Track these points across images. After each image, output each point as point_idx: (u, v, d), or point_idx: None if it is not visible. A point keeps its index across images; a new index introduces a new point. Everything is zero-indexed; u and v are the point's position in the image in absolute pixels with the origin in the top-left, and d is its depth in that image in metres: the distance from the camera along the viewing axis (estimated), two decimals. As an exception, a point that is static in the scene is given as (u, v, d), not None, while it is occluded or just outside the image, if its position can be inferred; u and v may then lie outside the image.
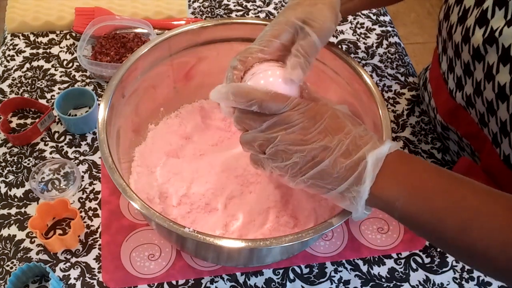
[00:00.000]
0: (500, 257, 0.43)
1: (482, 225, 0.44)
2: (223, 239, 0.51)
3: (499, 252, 0.43)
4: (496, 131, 0.60)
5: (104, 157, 0.55)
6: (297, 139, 0.47)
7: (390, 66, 0.91)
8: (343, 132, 0.47)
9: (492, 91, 0.57)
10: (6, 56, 0.87)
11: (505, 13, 0.55)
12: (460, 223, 0.44)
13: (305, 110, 0.48)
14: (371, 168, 0.46)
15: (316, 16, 0.52)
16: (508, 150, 0.59)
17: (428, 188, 0.46)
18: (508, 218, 0.43)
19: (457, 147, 0.74)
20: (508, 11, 0.54)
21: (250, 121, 0.50)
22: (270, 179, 0.68)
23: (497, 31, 0.55)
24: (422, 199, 0.46)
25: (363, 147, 0.47)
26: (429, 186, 0.46)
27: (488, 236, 0.44)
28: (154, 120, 0.74)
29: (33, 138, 0.76)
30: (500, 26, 0.55)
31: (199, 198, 0.67)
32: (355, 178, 0.46)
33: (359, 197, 0.47)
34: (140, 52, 0.65)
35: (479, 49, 0.58)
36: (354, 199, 0.47)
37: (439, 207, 0.45)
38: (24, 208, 0.69)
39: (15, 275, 0.61)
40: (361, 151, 0.46)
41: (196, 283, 0.65)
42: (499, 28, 0.55)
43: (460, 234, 0.44)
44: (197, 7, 0.98)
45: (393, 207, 0.46)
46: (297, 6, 0.54)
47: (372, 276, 0.66)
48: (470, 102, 0.64)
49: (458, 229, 0.44)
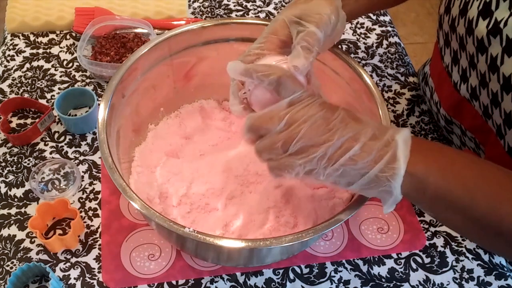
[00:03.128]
0: None
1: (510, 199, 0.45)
2: (223, 239, 0.51)
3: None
4: (500, 123, 0.60)
5: (104, 157, 0.55)
6: (321, 129, 0.46)
7: (390, 66, 0.91)
8: (362, 122, 0.48)
9: (497, 82, 0.58)
10: (6, 56, 0.87)
11: (510, 4, 0.55)
12: (490, 197, 0.45)
13: (320, 102, 0.48)
14: (403, 145, 0.46)
15: (312, 10, 0.53)
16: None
17: (457, 162, 0.47)
18: None
19: (460, 141, 0.74)
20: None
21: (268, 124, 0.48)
22: (270, 178, 0.68)
23: (502, 22, 0.55)
24: (452, 173, 0.47)
25: (388, 130, 0.47)
26: (457, 161, 0.48)
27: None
28: (154, 120, 0.74)
29: (33, 138, 0.76)
30: (505, 17, 0.55)
31: (199, 198, 0.67)
32: (390, 156, 0.46)
33: (396, 174, 0.45)
34: (140, 52, 0.65)
35: (483, 41, 0.58)
36: (390, 177, 0.46)
37: (470, 180, 0.46)
38: (24, 208, 0.69)
39: (15, 275, 0.61)
40: (387, 133, 0.47)
41: (196, 283, 0.65)
42: (503, 19, 0.55)
43: (491, 210, 0.45)
44: (197, 7, 0.98)
45: (426, 184, 0.46)
46: (294, 4, 0.55)
47: (372, 276, 0.67)
48: (474, 94, 0.64)
49: (488, 204, 0.45)
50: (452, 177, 0.46)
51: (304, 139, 0.46)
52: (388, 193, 0.47)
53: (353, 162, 0.46)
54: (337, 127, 0.46)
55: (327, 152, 0.46)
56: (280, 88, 0.48)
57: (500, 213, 0.45)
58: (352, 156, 0.46)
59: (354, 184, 0.47)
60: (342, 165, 0.46)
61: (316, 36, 0.52)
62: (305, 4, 0.54)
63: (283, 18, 0.53)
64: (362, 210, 0.72)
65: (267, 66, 0.50)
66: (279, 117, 0.47)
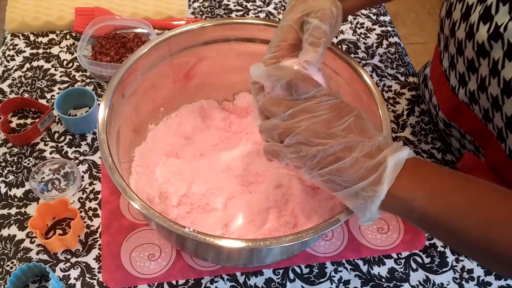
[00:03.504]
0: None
1: (503, 222, 0.44)
2: (223, 239, 0.51)
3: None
4: (501, 126, 0.60)
5: (104, 157, 0.55)
6: (320, 131, 0.47)
7: (390, 66, 0.91)
8: (366, 134, 0.47)
9: (498, 86, 0.57)
10: (6, 56, 0.87)
11: (510, 8, 0.55)
12: (480, 220, 0.44)
13: (333, 104, 0.48)
14: (392, 169, 0.46)
15: (313, 7, 0.54)
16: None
17: (446, 186, 0.47)
18: None
19: (459, 144, 0.74)
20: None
21: (274, 107, 0.49)
22: (270, 178, 0.68)
23: (502, 26, 0.55)
24: (441, 197, 0.46)
25: (384, 150, 0.47)
26: (446, 185, 0.47)
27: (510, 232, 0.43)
28: (154, 120, 0.74)
29: (33, 138, 0.76)
30: (505, 21, 0.55)
31: (199, 198, 0.67)
32: (375, 178, 0.46)
33: (375, 197, 0.46)
34: (140, 52, 0.65)
35: (483, 45, 0.58)
36: (369, 198, 0.46)
37: (459, 204, 0.45)
38: (24, 208, 0.69)
39: (15, 275, 0.61)
40: (381, 154, 0.46)
41: (196, 283, 0.65)
42: (504, 24, 0.55)
43: (481, 232, 0.44)
44: (197, 7, 0.98)
45: (411, 208, 0.46)
46: (293, 8, 0.55)
47: (372, 276, 0.67)
48: (473, 98, 0.64)
49: (479, 227, 0.44)
50: (440, 203, 0.46)
51: (300, 136, 0.47)
52: (364, 211, 0.48)
53: (339, 173, 0.46)
54: (336, 134, 0.47)
55: (318, 155, 0.46)
56: (292, 91, 0.48)
57: (491, 236, 0.44)
58: (340, 168, 0.46)
59: (336, 192, 0.48)
60: (327, 173, 0.47)
61: (321, 29, 0.53)
62: (303, 4, 0.54)
63: (288, 23, 0.54)
64: (362, 210, 0.72)
65: (279, 69, 0.50)
66: (287, 105, 0.48)
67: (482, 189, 0.46)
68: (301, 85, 0.48)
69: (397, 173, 0.46)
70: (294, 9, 0.55)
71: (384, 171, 0.46)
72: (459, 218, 0.45)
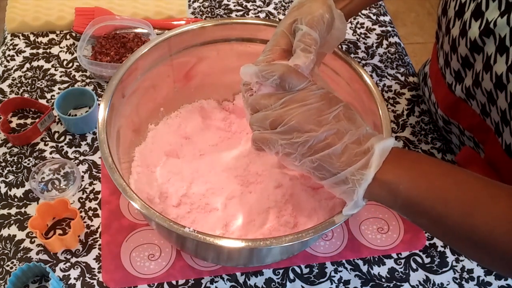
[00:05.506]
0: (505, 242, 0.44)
1: (485, 209, 0.45)
2: (223, 239, 0.51)
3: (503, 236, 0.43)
4: (498, 120, 0.61)
5: (104, 157, 0.55)
6: (312, 118, 0.48)
7: (390, 66, 0.91)
8: (354, 124, 0.49)
9: (490, 81, 0.58)
10: (6, 56, 0.87)
11: (499, 4, 0.56)
12: (463, 206, 0.45)
13: (322, 93, 0.49)
14: (378, 155, 0.47)
15: (303, 14, 0.54)
16: (509, 139, 0.60)
17: (432, 172, 0.48)
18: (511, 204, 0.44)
19: (459, 141, 0.74)
20: (501, 2, 0.56)
21: (265, 100, 0.50)
22: (270, 178, 0.68)
23: (492, 22, 0.56)
24: (426, 181, 0.47)
25: (371, 139, 0.49)
26: (432, 171, 0.48)
27: (492, 219, 0.44)
28: (154, 120, 0.74)
29: (33, 138, 0.76)
30: (495, 17, 0.56)
31: (199, 198, 0.67)
32: (362, 163, 0.47)
33: (363, 180, 0.47)
34: (140, 52, 0.65)
35: (476, 42, 0.59)
36: (357, 181, 0.47)
37: (444, 188, 0.46)
38: (24, 208, 0.69)
39: (15, 275, 0.61)
40: (369, 141, 0.48)
41: (196, 283, 0.65)
42: (493, 20, 0.56)
43: (465, 218, 0.45)
44: (197, 7, 0.98)
45: (396, 192, 0.47)
46: (288, 14, 0.57)
47: (372, 276, 0.67)
48: (470, 94, 0.64)
49: (462, 213, 0.45)
50: (425, 187, 0.47)
51: (292, 123, 0.48)
52: (350, 196, 0.49)
53: (330, 159, 0.48)
54: (327, 121, 0.48)
55: (309, 140, 0.48)
56: (285, 84, 0.49)
57: (474, 223, 0.44)
58: (331, 154, 0.48)
59: (325, 179, 0.49)
60: (318, 159, 0.48)
61: (311, 35, 0.53)
62: (297, 11, 0.55)
63: (282, 29, 0.55)
64: (362, 210, 0.72)
65: (271, 64, 0.51)
66: (278, 97, 0.50)
67: (467, 177, 0.47)
68: (294, 77, 0.49)
69: (384, 158, 0.47)
70: (288, 15, 0.56)
71: (372, 156, 0.47)
72: (443, 202, 0.46)
